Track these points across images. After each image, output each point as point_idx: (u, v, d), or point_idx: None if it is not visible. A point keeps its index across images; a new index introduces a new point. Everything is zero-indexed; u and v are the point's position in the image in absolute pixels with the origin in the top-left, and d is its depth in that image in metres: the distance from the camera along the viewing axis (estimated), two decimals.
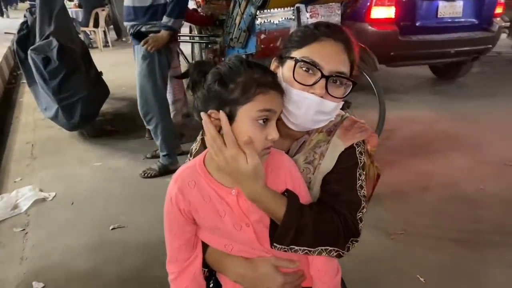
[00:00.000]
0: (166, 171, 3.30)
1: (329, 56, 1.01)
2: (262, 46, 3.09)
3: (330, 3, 3.16)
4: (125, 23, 3.16)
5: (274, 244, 1.00)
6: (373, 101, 3.41)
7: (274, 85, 0.95)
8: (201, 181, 1.01)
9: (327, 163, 1.07)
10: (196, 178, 1.01)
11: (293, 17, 3.04)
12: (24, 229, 2.66)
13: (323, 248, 1.02)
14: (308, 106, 1.00)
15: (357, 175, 1.07)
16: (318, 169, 1.08)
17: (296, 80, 1.01)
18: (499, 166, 3.37)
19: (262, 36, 3.06)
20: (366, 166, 1.11)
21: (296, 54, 1.03)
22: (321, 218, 1.01)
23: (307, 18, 3.08)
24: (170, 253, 1.11)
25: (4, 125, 4.64)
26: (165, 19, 2.99)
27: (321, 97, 1.00)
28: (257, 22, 3.02)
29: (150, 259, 2.33)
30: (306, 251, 1.02)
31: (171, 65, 3.37)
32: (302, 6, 3.04)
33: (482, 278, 2.17)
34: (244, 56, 1.15)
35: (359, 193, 1.06)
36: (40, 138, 4.18)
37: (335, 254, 1.03)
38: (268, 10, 3.02)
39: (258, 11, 2.98)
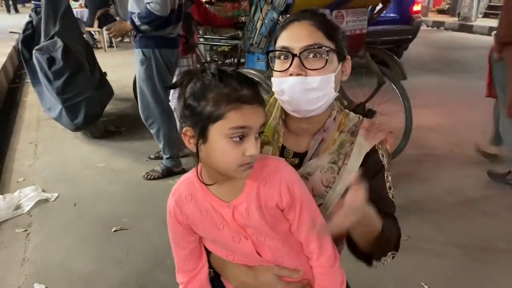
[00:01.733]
0: (169, 173, 3.29)
1: (295, 35, 1.04)
2: None
3: (357, 8, 3.03)
4: None
5: (376, 259, 1.09)
6: (396, 108, 3.29)
7: (248, 99, 0.86)
8: (197, 194, 0.99)
9: (353, 163, 1.07)
10: (193, 191, 0.99)
11: None
12: (26, 230, 2.65)
13: (391, 252, 1.10)
14: (292, 88, 1.02)
15: (385, 177, 1.11)
16: (343, 169, 1.08)
17: (276, 70, 1.06)
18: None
19: None
20: None
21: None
22: (389, 225, 1.07)
23: None
24: (177, 263, 1.10)
25: (7, 124, 4.64)
26: (137, 18, 2.93)
27: (301, 75, 1.02)
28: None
29: (153, 262, 2.31)
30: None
31: (177, 70, 3.37)
32: (327, 11, 2.91)
33: (487, 285, 2.15)
34: (265, 62, 1.16)
35: (390, 195, 1.11)
36: (44, 138, 4.18)
37: (392, 257, 1.12)
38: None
39: (280, 16, 2.84)
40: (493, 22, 12.22)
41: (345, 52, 1.09)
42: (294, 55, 1.02)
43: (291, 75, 1.02)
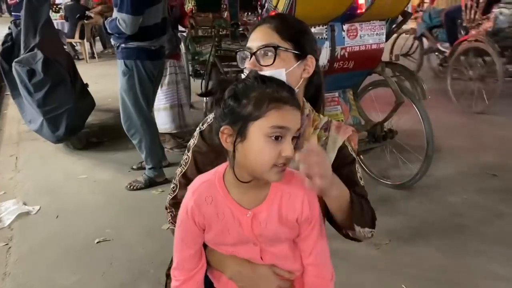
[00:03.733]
0: (152, 183, 3.29)
1: (254, 37, 1.20)
2: None
3: (373, 21, 2.83)
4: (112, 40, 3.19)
5: (355, 224, 1.08)
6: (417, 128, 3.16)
7: (288, 100, 0.92)
8: (218, 197, 1.00)
9: (330, 155, 1.17)
10: (214, 194, 1.01)
11: (326, 36, 2.67)
12: (7, 244, 2.62)
13: (367, 230, 1.12)
14: None
15: (356, 168, 1.19)
16: None
17: (243, 67, 1.22)
18: (481, 176, 3.44)
19: None
20: None
21: None
22: (360, 200, 1.12)
23: (343, 38, 2.72)
24: (178, 261, 1.10)
25: None
26: (108, 25, 3.00)
27: (258, 70, 1.12)
28: None
29: (136, 273, 2.31)
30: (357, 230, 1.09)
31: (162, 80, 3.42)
32: (337, 25, 2.70)
33: (464, 286, 2.20)
34: None
35: (361, 183, 1.19)
36: (25, 151, 4.14)
37: (369, 236, 1.16)
38: None
39: None
40: None
41: (305, 51, 1.20)
42: (251, 54, 1.17)
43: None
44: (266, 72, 1.07)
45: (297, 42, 1.18)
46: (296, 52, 1.18)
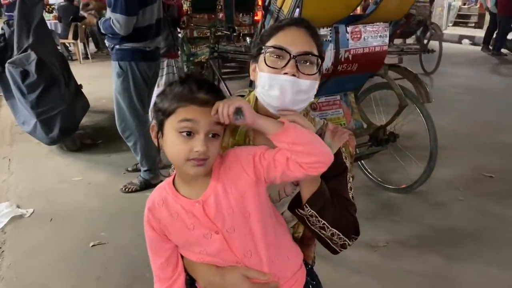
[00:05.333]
0: (148, 185, 3.26)
1: (294, 39, 1.09)
2: None
3: (377, 23, 2.80)
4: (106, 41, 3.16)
5: (306, 204, 1.07)
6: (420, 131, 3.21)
7: (199, 101, 0.97)
8: (168, 199, 1.05)
9: None
10: (164, 196, 1.06)
11: (330, 38, 2.64)
12: (0, 248, 2.58)
13: (336, 232, 1.10)
14: (284, 86, 1.06)
15: (347, 178, 1.17)
16: None
17: (269, 66, 1.08)
18: (476, 177, 3.44)
19: None
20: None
21: (267, 46, 1.12)
22: (341, 206, 1.12)
23: (347, 40, 2.69)
24: (155, 272, 1.14)
25: None
26: (102, 25, 2.97)
27: (295, 76, 1.06)
28: None
29: (132, 276, 2.28)
30: (323, 227, 1.09)
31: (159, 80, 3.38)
32: (341, 27, 2.67)
33: None
34: None
35: (350, 195, 1.17)
36: (18, 153, 4.09)
37: (340, 243, 1.13)
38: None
39: None
40: (463, 31, 12.64)
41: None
42: (292, 56, 1.07)
43: (285, 73, 1.06)
44: (305, 81, 1.07)
45: (321, 53, 1.14)
46: (322, 57, 1.15)
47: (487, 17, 11.00)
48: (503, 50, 9.74)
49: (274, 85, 1.07)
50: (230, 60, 4.56)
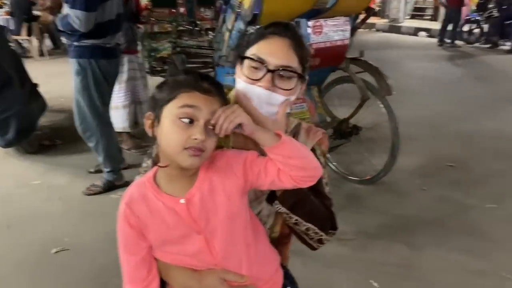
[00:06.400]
0: (111, 187, 3.17)
1: (274, 51, 1.06)
2: None
3: (338, 17, 2.81)
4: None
5: (276, 202, 1.07)
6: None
7: (203, 89, 0.95)
8: (148, 195, 1.01)
9: None
10: (144, 192, 1.02)
11: None
12: None
13: (311, 226, 1.10)
14: (258, 98, 1.06)
15: (323, 174, 1.15)
16: None
17: (246, 76, 1.07)
18: (438, 166, 3.55)
19: None
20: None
21: (248, 53, 1.09)
22: (318, 200, 1.12)
23: (309, 34, 2.70)
24: (128, 273, 1.06)
25: None
26: (59, 21, 2.86)
27: (269, 90, 1.05)
28: None
29: (99, 283, 2.21)
30: (296, 223, 1.09)
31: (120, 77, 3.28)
32: (302, 21, 2.69)
33: (431, 278, 2.25)
34: (233, 77, 1.15)
35: (326, 190, 1.19)
36: None
37: (317, 238, 1.12)
38: (261, 26, 2.74)
39: (248, 27, 2.61)
40: (419, 23, 13.01)
41: (306, 74, 1.13)
42: (268, 70, 1.05)
43: (260, 86, 1.06)
44: (279, 97, 1.06)
45: (306, 66, 1.12)
46: (304, 77, 1.12)
47: (442, 10, 11.36)
48: (458, 42, 10.11)
49: (249, 94, 1.07)
50: (193, 55, 4.50)
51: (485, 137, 4.20)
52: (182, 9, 5.24)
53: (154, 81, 4.59)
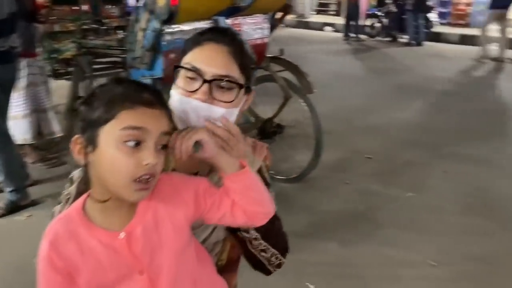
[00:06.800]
0: (15, 208, 2.84)
1: (210, 60, 0.96)
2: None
3: (256, 15, 2.75)
4: None
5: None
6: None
7: (146, 101, 0.80)
8: (79, 231, 0.84)
9: None
10: (72, 228, 0.84)
11: None
12: None
13: (275, 252, 1.03)
14: (196, 112, 0.94)
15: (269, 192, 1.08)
16: None
17: (181, 87, 0.96)
18: (357, 159, 3.66)
19: (172, 55, 2.52)
20: None
21: (182, 62, 0.98)
22: (280, 225, 1.07)
23: None
24: None
25: None
26: None
27: (207, 102, 0.94)
28: (164, 39, 2.53)
29: None
30: (264, 249, 1.02)
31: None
32: (221, 19, 2.60)
33: (366, 275, 2.29)
34: (150, 80, 0.99)
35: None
36: None
37: (277, 263, 1.06)
38: (178, 25, 2.54)
39: (164, 26, 2.48)
40: (325, 18, 13.55)
41: (252, 84, 1.03)
42: (204, 81, 0.94)
43: (196, 98, 0.95)
44: (218, 109, 0.94)
45: (249, 76, 1.01)
46: (248, 87, 1.01)
47: (344, 5, 11.95)
48: (361, 36, 10.71)
49: (186, 108, 0.95)
50: (101, 55, 4.19)
51: (395, 128, 4.44)
52: (85, 7, 4.86)
53: (58, 84, 4.20)
